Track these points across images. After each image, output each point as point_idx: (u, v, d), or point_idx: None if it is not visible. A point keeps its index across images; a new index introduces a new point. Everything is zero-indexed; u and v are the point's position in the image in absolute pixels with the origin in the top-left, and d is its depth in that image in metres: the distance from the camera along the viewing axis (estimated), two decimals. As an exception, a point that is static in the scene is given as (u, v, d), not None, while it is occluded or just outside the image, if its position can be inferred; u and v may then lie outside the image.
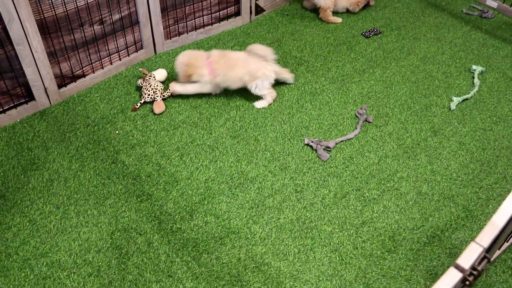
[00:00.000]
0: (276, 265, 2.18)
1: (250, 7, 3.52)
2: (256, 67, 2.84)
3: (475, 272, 1.15)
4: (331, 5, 3.58)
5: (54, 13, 2.66)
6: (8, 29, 2.48)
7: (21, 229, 2.30)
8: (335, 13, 3.68)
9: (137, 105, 2.87)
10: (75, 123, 2.80)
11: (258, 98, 2.95)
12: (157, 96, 2.87)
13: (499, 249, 2.05)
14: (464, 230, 2.33)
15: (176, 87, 2.91)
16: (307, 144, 2.71)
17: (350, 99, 3.00)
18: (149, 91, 2.87)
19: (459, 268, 1.12)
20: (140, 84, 2.95)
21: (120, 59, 3.12)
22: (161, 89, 2.91)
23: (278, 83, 3.03)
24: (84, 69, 2.99)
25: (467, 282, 1.19)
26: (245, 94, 3.00)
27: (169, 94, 2.93)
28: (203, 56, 2.88)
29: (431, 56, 3.34)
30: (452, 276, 1.09)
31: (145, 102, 2.90)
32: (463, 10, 3.75)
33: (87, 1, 2.76)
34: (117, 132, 2.76)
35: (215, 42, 3.39)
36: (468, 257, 1.14)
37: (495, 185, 2.53)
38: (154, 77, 2.95)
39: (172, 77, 3.09)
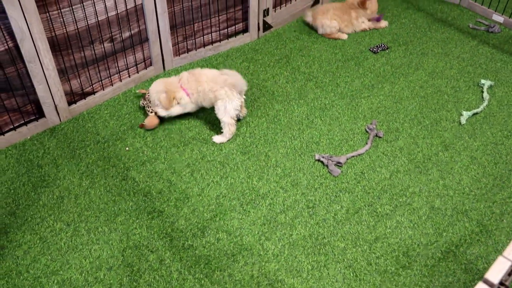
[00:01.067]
0: (289, 282, 2.16)
1: (258, 23, 3.54)
2: (219, 85, 2.72)
3: (502, 287, 1.13)
4: (335, 31, 3.61)
5: (65, 31, 2.68)
6: (20, 46, 2.49)
7: (31, 247, 2.28)
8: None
9: (143, 122, 2.87)
10: (85, 140, 2.80)
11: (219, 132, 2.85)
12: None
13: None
14: (479, 245, 2.30)
15: (160, 112, 2.84)
16: (318, 160, 2.69)
17: (360, 114, 2.99)
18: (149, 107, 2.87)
19: (488, 283, 1.10)
20: (143, 103, 2.95)
21: (129, 76, 3.14)
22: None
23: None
24: (93, 86, 3.00)
25: (494, 297, 1.17)
26: (254, 110, 3.00)
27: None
28: (175, 81, 2.84)
29: (439, 71, 3.34)
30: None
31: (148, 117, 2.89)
32: (469, 25, 3.77)
33: (97, 19, 2.78)
34: (127, 148, 2.75)
35: (223, 59, 3.41)
36: (497, 271, 1.12)
37: (509, 199, 2.50)
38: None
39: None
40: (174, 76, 2.91)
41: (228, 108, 2.72)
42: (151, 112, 2.86)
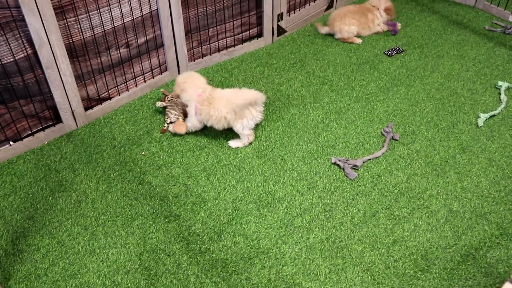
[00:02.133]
0: (307, 285, 2.14)
1: (272, 28, 3.55)
2: (242, 106, 2.67)
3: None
4: (352, 35, 3.60)
5: (82, 37, 2.71)
6: (38, 53, 2.53)
7: (50, 251, 2.30)
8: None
9: (165, 127, 2.89)
10: (102, 145, 2.82)
11: (235, 136, 2.83)
12: (181, 117, 2.88)
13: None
14: (499, 248, 2.27)
15: (181, 128, 2.82)
16: (334, 163, 2.68)
17: (375, 117, 2.98)
18: (176, 111, 2.88)
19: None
20: (162, 106, 2.95)
21: (145, 81, 3.16)
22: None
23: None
24: (110, 91, 3.02)
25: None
26: (270, 115, 3.00)
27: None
28: (200, 84, 2.79)
29: (455, 73, 3.31)
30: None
31: (171, 122, 2.90)
32: (485, 27, 3.73)
33: (114, 25, 2.81)
34: (143, 153, 2.77)
35: (238, 63, 3.42)
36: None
37: (529, 202, 2.47)
38: (176, 98, 2.96)
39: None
40: (203, 78, 2.84)
41: (250, 124, 2.73)
42: (177, 118, 2.88)
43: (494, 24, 3.79)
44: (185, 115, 2.91)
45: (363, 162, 2.68)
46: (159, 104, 2.95)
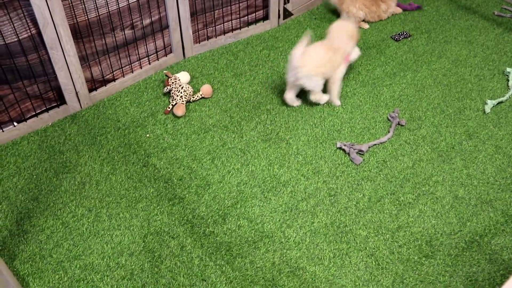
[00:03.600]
0: (311, 270, 2.15)
1: (279, 11, 3.51)
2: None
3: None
4: (359, 20, 3.55)
5: (86, 18, 2.68)
6: (42, 33, 2.50)
7: (54, 232, 2.30)
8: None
9: (169, 108, 2.87)
10: (106, 127, 2.81)
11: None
12: (184, 99, 2.86)
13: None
14: (504, 235, 2.26)
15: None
16: (340, 148, 2.67)
17: (381, 102, 2.95)
18: (181, 92, 2.86)
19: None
20: (167, 89, 2.94)
21: (149, 63, 3.13)
22: (192, 91, 2.91)
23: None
24: (114, 73, 3.00)
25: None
26: (275, 98, 2.98)
27: (199, 96, 2.93)
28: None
29: (463, 59, 3.28)
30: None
31: (176, 104, 2.88)
32: (494, 12, 3.68)
33: (119, 6, 2.77)
34: (147, 135, 2.76)
35: (243, 46, 3.38)
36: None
37: (535, 189, 2.46)
38: (179, 79, 2.95)
39: (195, 80, 3.09)
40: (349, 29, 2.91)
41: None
42: (181, 99, 2.87)
43: (503, 9, 3.74)
44: (188, 96, 2.89)
45: (369, 147, 2.66)
46: (166, 89, 2.94)
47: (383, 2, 3.58)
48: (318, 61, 2.74)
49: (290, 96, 2.87)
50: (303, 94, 2.95)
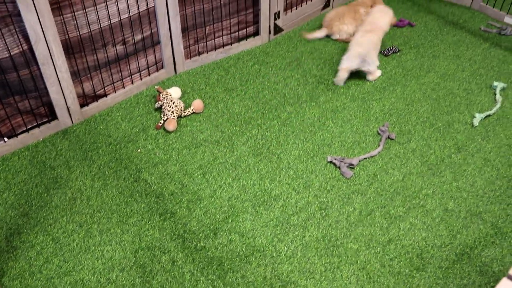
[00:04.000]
0: (302, 284, 2.14)
1: (269, 26, 3.55)
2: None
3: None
4: (350, 36, 3.62)
5: (78, 34, 2.70)
6: (34, 49, 2.51)
7: (44, 248, 2.29)
8: None
9: (160, 123, 2.88)
10: (97, 142, 2.81)
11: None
12: (175, 114, 2.87)
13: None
14: (494, 247, 2.28)
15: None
16: (330, 162, 2.69)
17: (371, 116, 2.98)
18: (172, 108, 2.87)
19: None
20: (158, 104, 2.95)
21: (141, 79, 3.15)
22: (183, 106, 2.92)
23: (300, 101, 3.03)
24: (106, 88, 3.01)
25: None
26: (266, 113, 3.00)
27: (191, 111, 2.94)
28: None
29: (451, 73, 3.33)
30: (506, 287, 1.06)
31: (167, 119, 2.89)
32: (481, 28, 3.75)
33: (110, 22, 2.79)
34: (139, 150, 2.76)
35: (234, 61, 3.41)
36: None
37: (524, 201, 2.48)
38: (170, 94, 2.96)
39: (186, 95, 3.11)
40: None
41: None
42: (177, 114, 2.89)
43: (489, 25, 3.81)
44: (179, 111, 2.90)
45: (359, 161, 2.68)
46: (157, 104, 2.96)
47: (361, 6, 3.67)
48: (375, 45, 3.22)
49: (343, 78, 3.20)
50: (296, 105, 2.97)
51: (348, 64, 3.16)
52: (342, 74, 3.18)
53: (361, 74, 3.32)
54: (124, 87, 3.09)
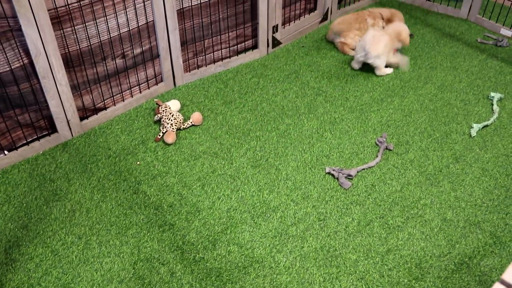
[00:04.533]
0: (301, 294, 2.14)
1: (267, 40, 3.58)
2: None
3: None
4: (353, 45, 3.65)
5: (78, 48, 2.73)
6: (34, 63, 2.54)
7: (43, 260, 2.29)
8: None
9: (159, 135, 2.90)
10: (97, 155, 2.83)
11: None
12: (174, 126, 2.89)
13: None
14: (493, 257, 2.28)
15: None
16: (329, 173, 2.70)
17: (369, 127, 3.00)
18: (171, 120, 2.89)
19: (505, 283, 1.09)
20: (158, 117, 2.98)
21: (140, 92, 3.18)
22: (182, 119, 2.94)
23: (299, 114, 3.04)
24: (105, 101, 3.04)
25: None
26: (264, 125, 3.02)
27: (190, 124, 2.96)
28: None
29: (449, 84, 3.35)
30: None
31: (167, 132, 2.91)
32: (477, 40, 3.78)
33: (110, 36, 2.83)
34: (138, 163, 2.77)
35: (233, 74, 3.44)
36: (512, 273, 1.11)
37: (522, 211, 2.48)
38: (170, 107, 2.98)
39: (186, 108, 3.13)
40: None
41: None
42: (177, 126, 2.91)
43: (486, 36, 3.84)
44: (178, 123, 2.92)
45: (357, 172, 2.69)
46: (156, 117, 2.98)
47: (369, 17, 3.71)
48: (384, 44, 3.35)
49: (356, 66, 3.50)
50: (294, 117, 2.99)
51: (357, 56, 3.42)
52: (354, 65, 3.50)
53: (359, 86, 3.34)
54: (123, 100, 3.11)
